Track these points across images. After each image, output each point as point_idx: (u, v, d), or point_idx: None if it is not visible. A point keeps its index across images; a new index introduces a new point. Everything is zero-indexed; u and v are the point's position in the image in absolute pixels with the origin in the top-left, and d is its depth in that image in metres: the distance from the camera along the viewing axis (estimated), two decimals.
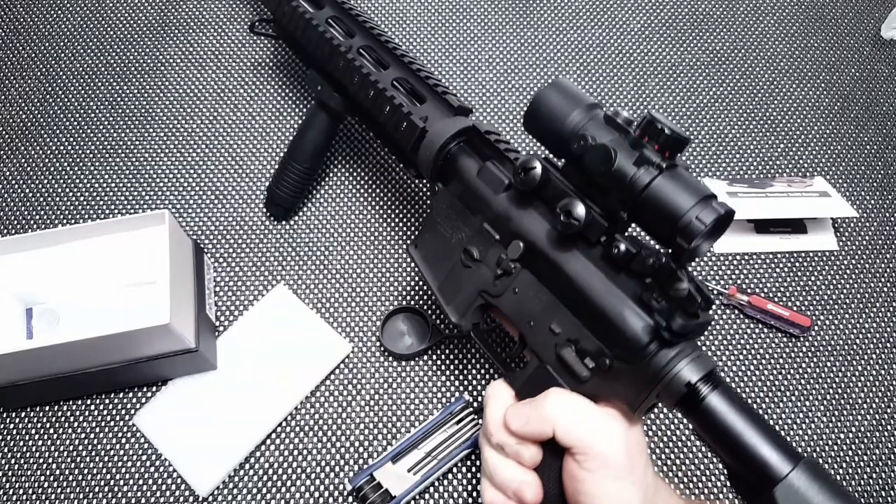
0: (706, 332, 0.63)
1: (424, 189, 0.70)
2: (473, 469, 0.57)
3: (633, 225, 0.58)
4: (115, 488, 0.55)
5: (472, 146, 0.52)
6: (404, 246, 0.66)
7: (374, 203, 0.69)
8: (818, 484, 0.35)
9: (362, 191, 0.69)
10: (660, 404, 0.43)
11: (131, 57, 0.77)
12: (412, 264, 0.65)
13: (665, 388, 0.40)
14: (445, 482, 0.57)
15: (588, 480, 0.39)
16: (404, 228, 0.67)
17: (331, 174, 0.70)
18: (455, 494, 0.57)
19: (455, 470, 0.57)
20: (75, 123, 0.72)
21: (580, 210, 0.43)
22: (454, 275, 0.52)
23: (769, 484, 0.36)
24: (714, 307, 0.64)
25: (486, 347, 0.53)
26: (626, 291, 0.42)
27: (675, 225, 0.38)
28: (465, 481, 0.57)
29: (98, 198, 0.68)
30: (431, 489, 0.56)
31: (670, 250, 0.40)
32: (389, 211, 0.68)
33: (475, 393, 0.60)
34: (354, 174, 0.70)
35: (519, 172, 0.45)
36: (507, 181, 0.48)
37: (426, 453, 0.56)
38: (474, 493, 0.56)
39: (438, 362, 0.61)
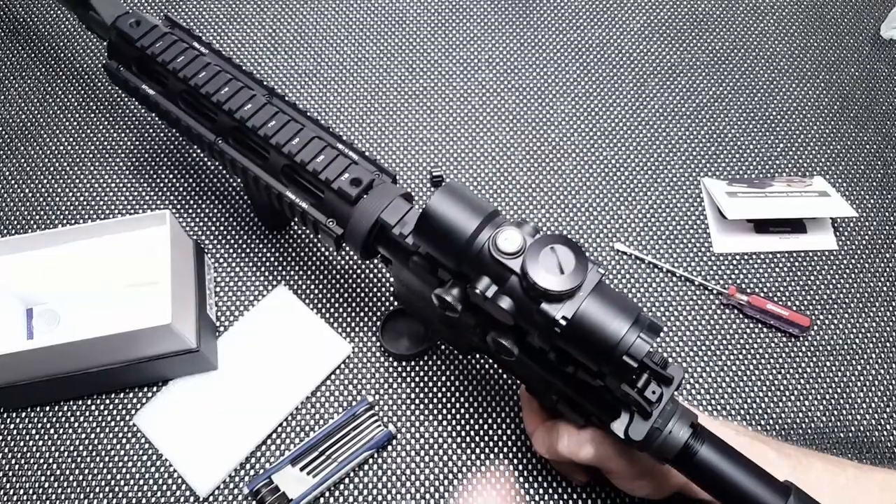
0: (707, 333, 0.63)
1: (424, 188, 0.70)
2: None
3: None
4: (116, 488, 0.56)
5: (389, 236, 0.47)
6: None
7: None
8: None
9: None
10: None
11: None
12: None
13: (657, 451, 0.41)
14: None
15: (612, 480, 0.49)
16: None
17: None
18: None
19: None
20: (75, 123, 0.72)
21: (509, 345, 0.41)
22: (444, 325, 0.51)
23: None
24: (713, 308, 0.64)
25: (503, 369, 0.55)
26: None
27: (614, 353, 0.35)
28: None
29: (98, 198, 0.68)
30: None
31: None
32: None
33: (474, 392, 0.60)
34: None
35: (439, 306, 0.42)
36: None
37: (325, 456, 0.55)
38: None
39: (438, 362, 0.61)
